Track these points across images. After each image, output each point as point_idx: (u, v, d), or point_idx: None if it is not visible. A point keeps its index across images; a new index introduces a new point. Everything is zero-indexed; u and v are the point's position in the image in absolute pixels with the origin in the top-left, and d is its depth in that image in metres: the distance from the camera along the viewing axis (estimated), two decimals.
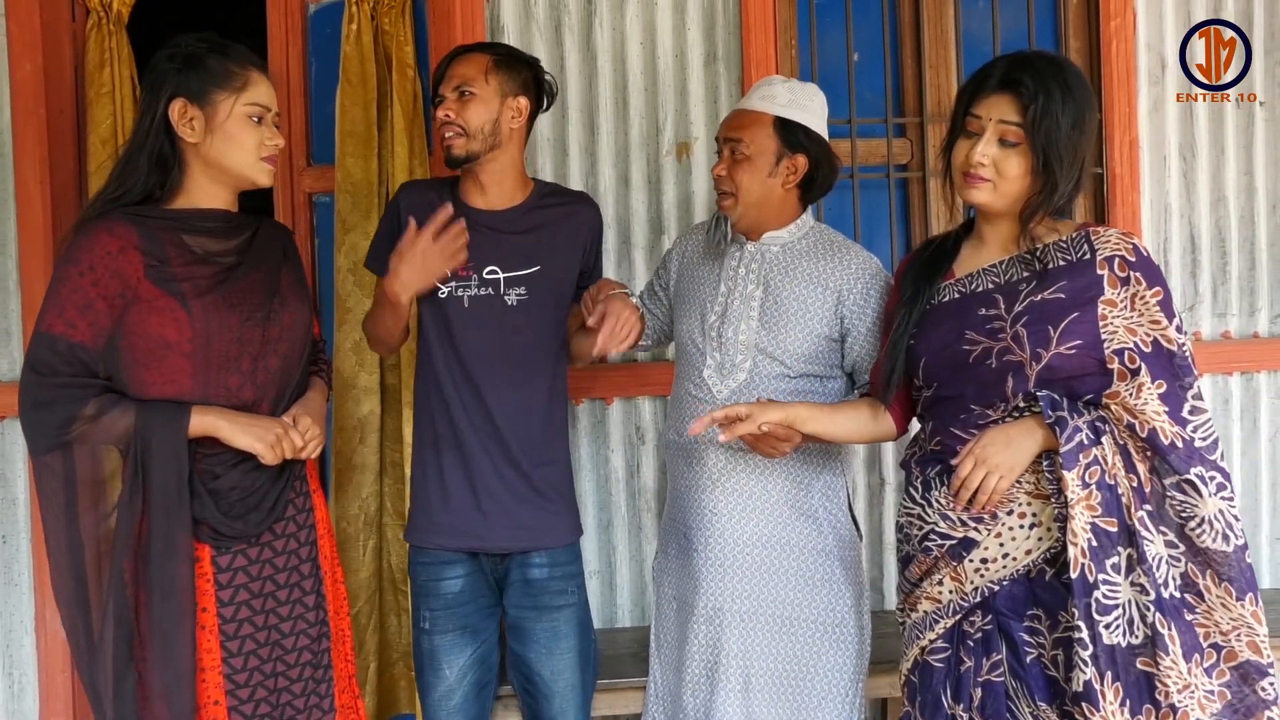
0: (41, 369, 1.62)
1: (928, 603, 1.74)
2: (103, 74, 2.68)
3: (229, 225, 1.77)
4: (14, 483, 2.73)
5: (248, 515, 1.72)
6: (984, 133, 1.66)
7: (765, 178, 1.98)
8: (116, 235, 1.64)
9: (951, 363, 1.71)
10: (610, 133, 2.73)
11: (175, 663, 1.64)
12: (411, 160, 2.58)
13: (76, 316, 1.62)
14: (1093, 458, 1.57)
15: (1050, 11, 2.83)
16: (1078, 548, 1.56)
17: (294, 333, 1.80)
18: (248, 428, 1.69)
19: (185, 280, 1.67)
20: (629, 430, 2.75)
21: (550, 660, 2.07)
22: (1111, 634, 1.55)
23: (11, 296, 2.72)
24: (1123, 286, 1.62)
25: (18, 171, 2.69)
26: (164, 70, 1.71)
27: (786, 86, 2.01)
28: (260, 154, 1.74)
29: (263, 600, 1.75)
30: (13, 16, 2.67)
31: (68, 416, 1.61)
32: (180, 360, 1.67)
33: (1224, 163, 2.81)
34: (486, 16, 2.68)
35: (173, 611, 1.64)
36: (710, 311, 2.03)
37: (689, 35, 2.72)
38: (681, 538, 2.06)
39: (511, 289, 2.03)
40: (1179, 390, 1.59)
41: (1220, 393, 2.82)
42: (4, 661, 2.75)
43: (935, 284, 1.78)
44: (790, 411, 1.80)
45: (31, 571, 2.72)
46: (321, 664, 1.84)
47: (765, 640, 1.98)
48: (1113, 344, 1.60)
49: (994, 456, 1.61)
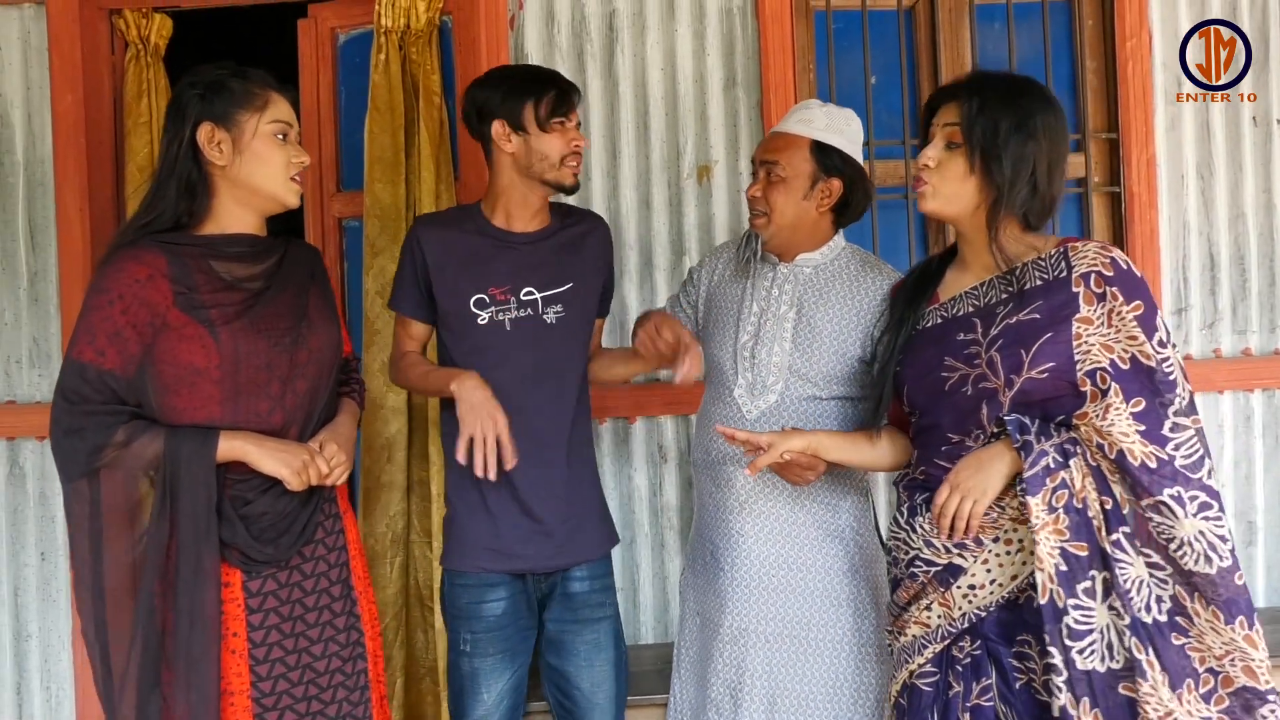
0: (72, 396, 1.63)
1: (916, 627, 1.71)
2: (140, 105, 2.77)
3: (256, 250, 1.77)
4: (53, 501, 2.80)
5: (279, 540, 1.73)
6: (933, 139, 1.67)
7: (800, 200, 1.99)
8: (145, 264, 1.65)
9: (931, 390, 1.69)
10: (632, 156, 2.79)
11: (201, 688, 1.63)
12: (438, 185, 2.64)
13: (106, 344, 1.63)
14: (1060, 481, 1.54)
15: (1066, 32, 2.86)
16: (1045, 573, 1.52)
17: (322, 355, 1.81)
18: (274, 453, 1.68)
19: (213, 307, 1.68)
20: (651, 448, 2.78)
21: (590, 672, 2.07)
22: (1086, 659, 1.51)
23: (52, 320, 2.81)
24: (1099, 303, 1.58)
25: (59, 199, 2.77)
26: (187, 98, 1.72)
27: (824, 111, 2.03)
28: (288, 172, 1.75)
29: (292, 624, 1.74)
30: (55, 50, 2.76)
31: (98, 444, 1.62)
32: (209, 387, 1.67)
33: (1242, 180, 2.82)
34: (511, 45, 2.75)
35: (200, 637, 1.63)
36: (743, 331, 2.04)
37: (708, 60, 2.77)
38: (709, 555, 2.07)
39: (549, 308, 2.05)
40: (1158, 407, 1.54)
41: (1242, 410, 2.82)
42: (42, 676, 2.81)
43: (920, 308, 1.77)
44: (812, 440, 1.79)
45: (69, 588, 2.78)
46: (357, 685, 1.83)
47: (791, 661, 1.98)
48: (1085, 364, 1.57)
49: (966, 481, 1.59)
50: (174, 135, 1.71)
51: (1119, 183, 2.81)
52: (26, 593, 2.81)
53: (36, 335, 2.81)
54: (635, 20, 2.77)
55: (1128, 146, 2.78)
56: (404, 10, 2.68)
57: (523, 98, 2.01)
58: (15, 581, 2.81)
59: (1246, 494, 2.82)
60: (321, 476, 1.73)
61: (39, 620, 2.81)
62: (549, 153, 2.02)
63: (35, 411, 2.78)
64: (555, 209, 2.17)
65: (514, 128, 2.01)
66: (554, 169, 2.03)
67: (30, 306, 2.81)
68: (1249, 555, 2.82)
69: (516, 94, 2.01)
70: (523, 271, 2.06)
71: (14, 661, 2.81)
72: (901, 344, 1.77)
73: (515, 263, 2.06)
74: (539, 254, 2.08)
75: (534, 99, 2.00)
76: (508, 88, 2.02)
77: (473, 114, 2.06)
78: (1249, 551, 2.82)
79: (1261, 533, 2.81)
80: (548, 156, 2.02)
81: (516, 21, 2.76)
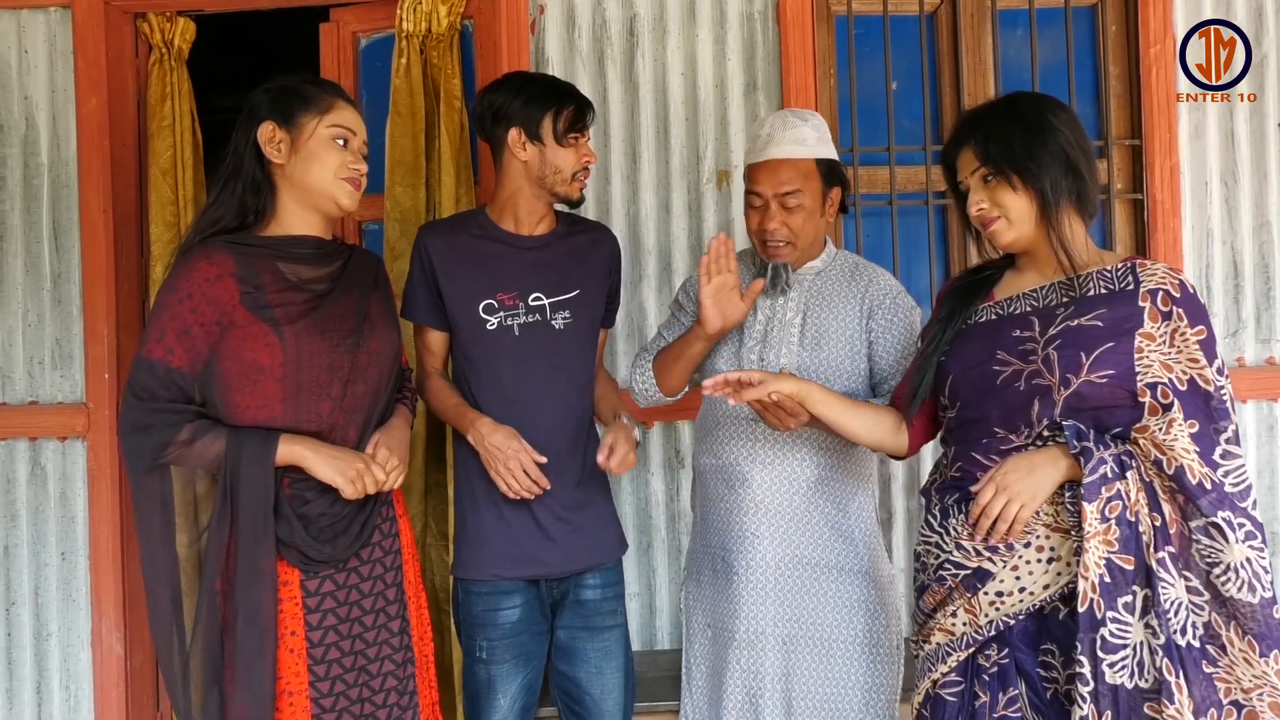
0: (141, 393, 1.67)
1: (941, 634, 1.70)
2: (164, 108, 2.79)
3: (321, 252, 1.81)
4: (74, 501, 2.82)
5: (336, 540, 1.75)
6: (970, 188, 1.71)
7: (817, 219, 2.04)
8: (215, 263, 1.70)
9: (979, 382, 1.69)
10: (651, 161, 2.79)
11: (257, 686, 1.66)
12: (458, 189, 2.65)
13: (175, 343, 1.67)
14: (1115, 492, 1.53)
15: (1089, 39, 2.85)
16: (1089, 582, 1.51)
17: (383, 359, 1.84)
18: (331, 460, 1.71)
19: (279, 307, 1.72)
20: (669, 454, 2.78)
21: (600, 679, 2.08)
22: (1116, 673, 1.50)
23: (74, 322, 2.83)
24: (1164, 321, 1.58)
25: (82, 201, 2.80)
26: (259, 101, 1.79)
27: (810, 126, 2.04)
28: (341, 174, 1.79)
29: (349, 625, 1.76)
30: (80, 54, 2.79)
31: (164, 440, 1.66)
32: (272, 385, 1.71)
33: (1266, 188, 2.79)
34: (532, 49, 2.75)
35: (255, 636, 1.66)
36: (749, 339, 2.06)
37: (729, 65, 2.77)
38: (719, 562, 2.07)
39: (557, 314, 2.07)
40: (1212, 433, 1.54)
41: (1265, 419, 2.80)
42: (61, 675, 2.83)
43: (973, 305, 1.78)
44: (802, 387, 1.79)
45: (89, 588, 2.80)
46: (407, 690, 1.85)
47: (805, 663, 1.99)
48: (1146, 377, 1.56)
49: (1016, 484, 1.57)
50: (243, 135, 1.78)
51: (1142, 190, 2.79)
52: (47, 592, 2.83)
53: (59, 336, 2.83)
54: (656, 25, 2.77)
55: (1151, 153, 2.76)
56: (425, 15, 2.70)
57: (542, 108, 2.02)
58: (36, 581, 2.83)
59: (1269, 504, 2.79)
60: (378, 484, 1.76)
61: (59, 620, 2.83)
62: (562, 166, 2.04)
63: (57, 412, 2.80)
64: (562, 216, 2.18)
65: (531, 137, 2.03)
66: (565, 183, 2.05)
67: (53, 308, 2.83)
68: (1273, 566, 2.78)
69: (536, 104, 2.02)
70: (530, 276, 2.07)
71: (34, 660, 2.83)
72: (950, 337, 1.77)
73: (522, 267, 2.06)
74: (545, 258, 2.09)
75: (554, 111, 2.02)
76: (527, 96, 2.03)
77: (488, 117, 2.07)
78: (1271, 562, 2.78)
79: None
80: (561, 170, 2.04)
81: (537, 26, 2.77)
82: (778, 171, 2.01)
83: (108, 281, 2.79)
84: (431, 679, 1.96)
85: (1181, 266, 2.76)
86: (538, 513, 2.03)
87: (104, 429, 2.79)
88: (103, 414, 2.79)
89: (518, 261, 2.07)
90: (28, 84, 2.83)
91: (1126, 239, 2.84)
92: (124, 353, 2.84)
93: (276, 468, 1.69)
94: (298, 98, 1.78)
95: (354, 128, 1.82)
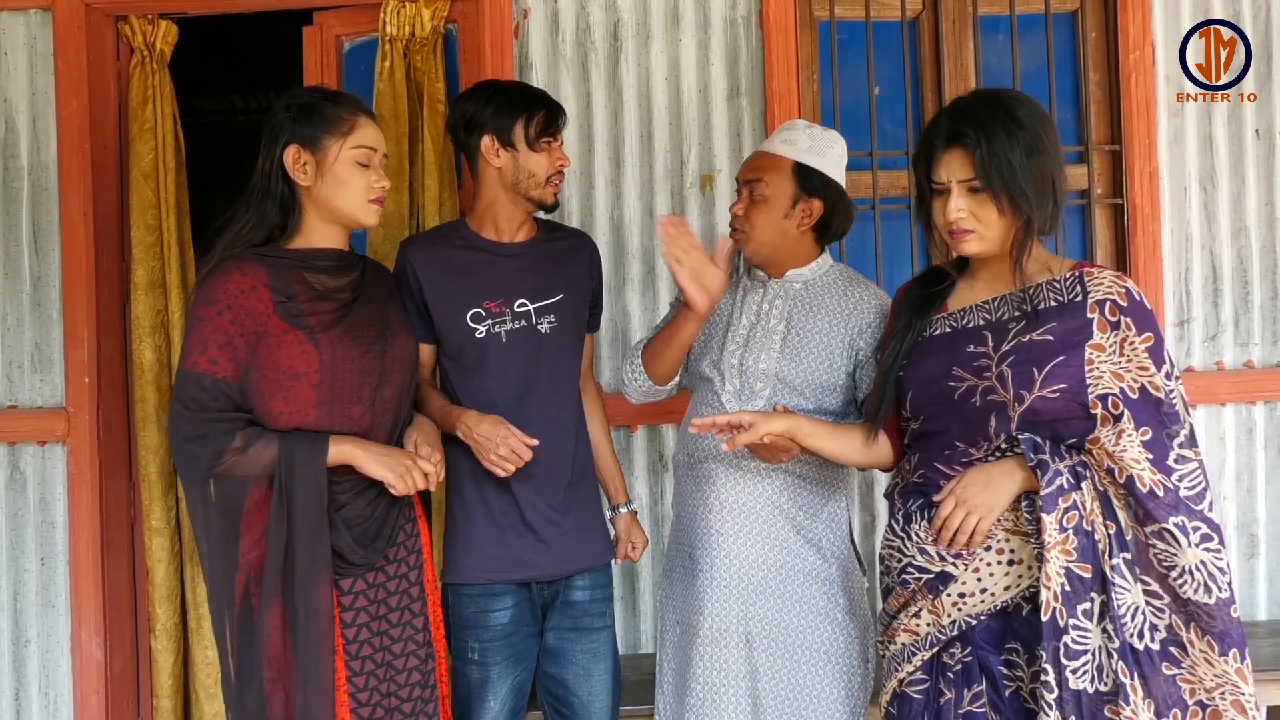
0: (191, 405, 1.71)
1: (905, 635, 1.73)
2: (146, 111, 2.78)
3: (341, 263, 1.87)
4: (53, 506, 2.80)
5: (374, 543, 1.82)
6: (950, 191, 1.67)
7: (780, 219, 2.04)
8: (248, 274, 1.74)
9: (937, 398, 1.71)
10: (635, 165, 2.79)
11: (320, 683, 1.71)
12: (441, 193, 2.65)
13: (218, 354, 1.72)
14: (1072, 502, 1.56)
15: (1069, 45, 2.87)
16: (1050, 591, 1.54)
17: (405, 363, 1.90)
18: (381, 458, 1.77)
19: (312, 315, 1.77)
20: (653, 457, 2.78)
21: (589, 682, 2.10)
22: (1078, 679, 1.54)
23: (54, 325, 2.81)
24: (1112, 331, 1.61)
25: (62, 204, 2.78)
26: (281, 119, 1.82)
27: (808, 133, 2.07)
28: (367, 196, 1.84)
29: (378, 623, 1.83)
30: (60, 55, 2.77)
31: (218, 449, 1.70)
32: (308, 391, 1.75)
33: (1244, 193, 2.82)
34: (516, 54, 2.75)
35: (316, 633, 1.71)
36: (731, 341, 2.07)
37: (712, 70, 2.78)
38: (687, 559, 2.08)
39: (543, 318, 2.08)
40: (1165, 438, 1.57)
41: (1244, 422, 2.82)
42: (40, 681, 2.81)
43: (928, 316, 1.79)
44: (792, 424, 1.81)
45: (69, 594, 2.78)
46: (429, 684, 1.90)
47: (769, 663, 1.99)
48: (1097, 389, 1.58)
49: (974, 497, 1.60)
50: (267, 155, 1.82)
51: (1122, 195, 2.81)
52: (26, 598, 2.81)
53: (39, 340, 2.82)
54: (640, 30, 2.78)
55: (1130, 158, 2.79)
56: (409, 18, 2.69)
57: (513, 115, 2.05)
58: (15, 587, 2.81)
59: (1248, 506, 2.82)
60: (426, 480, 1.81)
61: (38, 625, 2.81)
62: (535, 170, 2.06)
63: (37, 417, 2.78)
64: (542, 223, 2.21)
65: (503, 144, 2.05)
66: (538, 186, 2.08)
67: (33, 311, 2.81)
68: (1251, 568, 2.81)
69: (507, 110, 2.05)
70: (514, 282, 2.08)
71: (12, 667, 2.81)
72: (906, 349, 1.78)
73: (505, 274, 2.08)
74: (527, 264, 2.11)
75: (524, 117, 2.05)
76: (498, 103, 2.06)
77: (460, 126, 2.10)
78: (1251, 564, 2.81)
79: (1264, 545, 2.81)
80: (534, 174, 2.06)
81: (521, 30, 2.77)
82: (754, 160, 2.09)
83: (88, 285, 2.77)
84: (444, 673, 2.00)
85: (1161, 271, 2.78)
86: (528, 516, 2.04)
87: (84, 433, 2.77)
88: (83, 418, 2.77)
89: (501, 269, 2.08)
90: (7, 86, 2.81)
91: (1107, 243, 2.86)
92: (104, 356, 2.82)
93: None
94: (319, 118, 1.81)
95: (375, 144, 1.85)
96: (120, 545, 2.88)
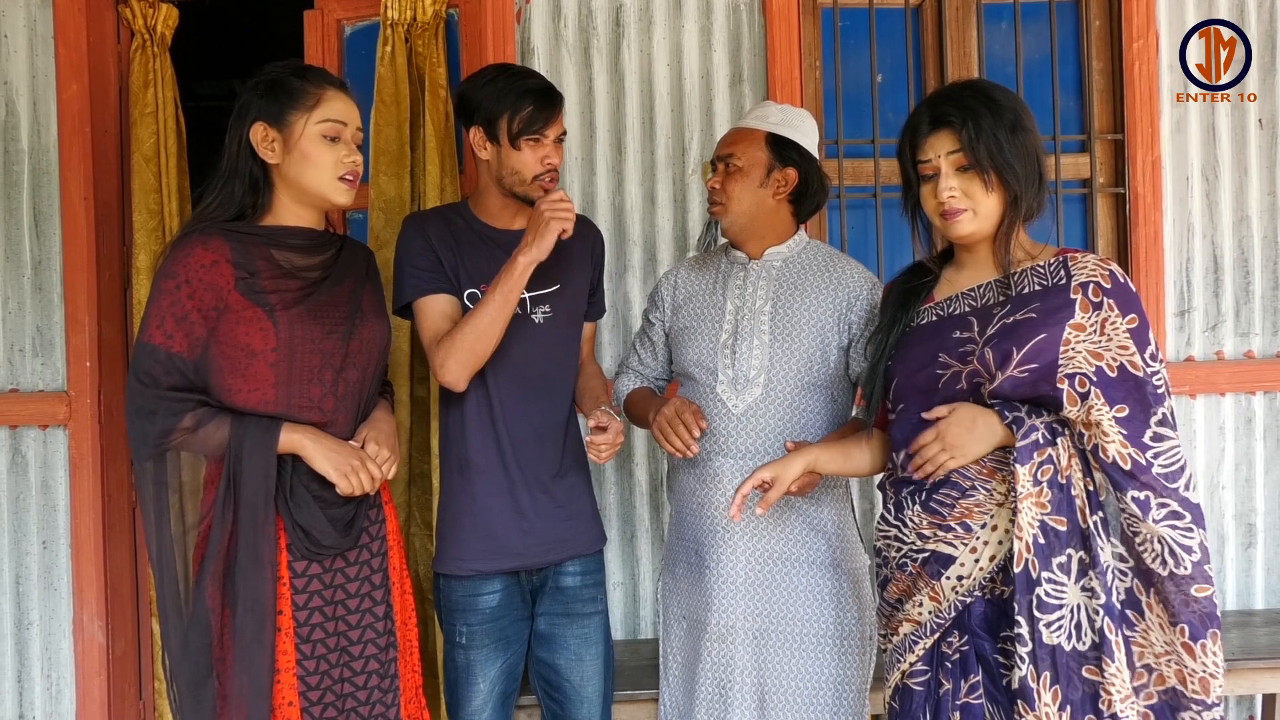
0: (144, 378, 1.69)
1: (908, 625, 1.74)
2: (146, 94, 2.77)
3: (314, 242, 1.82)
4: (55, 490, 2.81)
5: (349, 530, 1.80)
6: (939, 170, 1.68)
7: (756, 188, 2.04)
8: (210, 249, 1.71)
9: (924, 385, 1.72)
10: (637, 152, 2.79)
11: (255, 671, 1.69)
12: (443, 178, 2.64)
13: (174, 328, 1.69)
14: (1047, 456, 1.58)
15: (1073, 33, 2.86)
16: (1023, 542, 1.57)
17: (372, 347, 1.86)
18: (329, 454, 1.74)
19: (273, 293, 1.73)
20: (652, 444, 2.79)
21: (580, 667, 2.09)
22: (1052, 634, 1.55)
23: (55, 309, 2.81)
24: (1094, 311, 1.62)
25: (63, 188, 2.78)
26: (248, 97, 1.78)
27: (779, 109, 2.10)
28: (336, 173, 1.78)
29: (334, 608, 1.79)
30: (61, 38, 2.76)
31: (167, 427, 1.68)
32: (265, 369, 1.73)
33: (1247, 183, 2.82)
34: (517, 39, 2.75)
35: (255, 622, 1.69)
36: (721, 330, 2.07)
37: (715, 57, 2.78)
38: (692, 555, 2.09)
39: (537, 308, 2.06)
40: (1142, 415, 1.57)
41: (1244, 412, 2.82)
42: (43, 664, 2.82)
43: (913, 309, 1.80)
44: (809, 460, 1.84)
45: (71, 577, 2.79)
46: (388, 674, 1.87)
47: (777, 657, 2.01)
48: (1067, 368, 1.59)
49: (956, 438, 1.63)
50: (235, 133, 1.78)
51: (1124, 184, 2.81)
52: (28, 581, 2.82)
53: (40, 324, 2.82)
54: (642, 15, 2.77)
55: (1133, 147, 2.78)
56: (410, 3, 2.68)
57: (499, 109, 1.98)
58: (17, 570, 2.82)
59: (1247, 496, 2.82)
60: (374, 481, 1.79)
61: (40, 608, 2.82)
62: (519, 169, 2.00)
63: (39, 400, 2.79)
64: None
65: (489, 137, 2.01)
66: (523, 184, 2.01)
67: (34, 295, 2.82)
68: (1248, 557, 2.82)
69: (494, 103, 1.99)
70: None
71: (15, 649, 2.82)
72: (894, 342, 1.80)
73: (502, 260, 2.02)
74: None
75: (509, 113, 1.98)
76: (488, 93, 2.00)
77: (459, 110, 2.08)
78: (1249, 554, 2.82)
79: (1261, 535, 2.82)
80: (518, 172, 2.00)
81: (523, 15, 2.76)
82: (728, 136, 2.11)
83: (89, 269, 2.77)
84: (415, 664, 1.98)
85: (1162, 260, 2.78)
86: (518, 503, 2.03)
87: (85, 417, 2.78)
88: (84, 402, 2.78)
89: (498, 254, 2.05)
90: (7, 69, 2.81)
91: (1108, 233, 2.86)
92: (105, 341, 2.83)
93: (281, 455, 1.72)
94: (285, 94, 1.76)
95: (344, 118, 1.79)
96: (122, 528, 2.89)
